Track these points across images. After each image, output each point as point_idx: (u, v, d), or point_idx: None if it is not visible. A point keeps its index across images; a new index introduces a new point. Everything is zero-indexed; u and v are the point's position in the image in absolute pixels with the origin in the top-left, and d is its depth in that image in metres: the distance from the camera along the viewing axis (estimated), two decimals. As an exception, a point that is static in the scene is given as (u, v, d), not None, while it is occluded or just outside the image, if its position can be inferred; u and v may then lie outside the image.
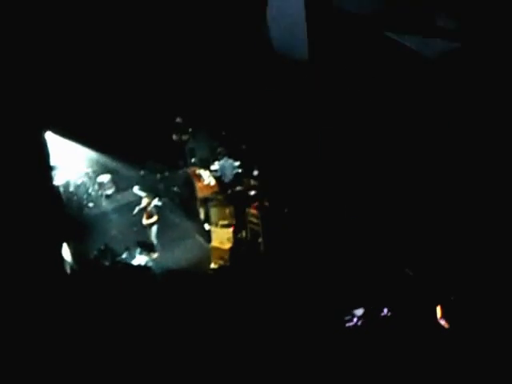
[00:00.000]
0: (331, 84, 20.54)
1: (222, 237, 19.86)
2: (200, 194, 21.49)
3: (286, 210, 20.04)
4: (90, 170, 22.38)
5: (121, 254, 19.43)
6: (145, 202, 20.33)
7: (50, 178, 19.69)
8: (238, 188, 21.47)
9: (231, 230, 20.02)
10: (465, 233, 16.82)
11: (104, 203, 22.09)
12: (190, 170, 22.56)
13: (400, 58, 18.36)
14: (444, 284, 16.48)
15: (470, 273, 16.25)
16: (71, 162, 21.94)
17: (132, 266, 19.29)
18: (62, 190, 21.33)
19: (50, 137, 20.25)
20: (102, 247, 19.46)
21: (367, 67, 19.29)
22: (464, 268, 16.42)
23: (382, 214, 18.48)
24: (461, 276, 16.37)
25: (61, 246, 18.77)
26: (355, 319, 16.63)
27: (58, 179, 21.29)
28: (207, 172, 22.06)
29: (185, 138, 23.50)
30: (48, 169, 19.53)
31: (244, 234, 20.24)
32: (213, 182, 21.69)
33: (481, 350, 14.73)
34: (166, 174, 22.71)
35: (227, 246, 19.67)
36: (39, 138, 18.85)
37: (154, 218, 20.25)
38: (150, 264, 19.43)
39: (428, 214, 17.57)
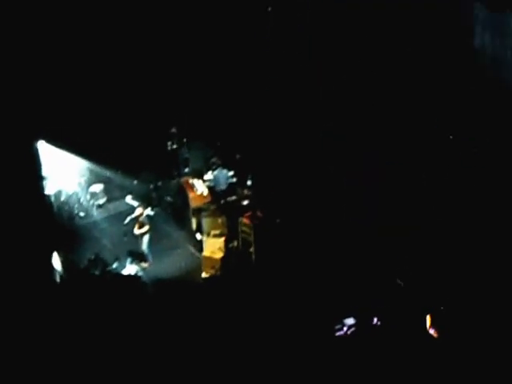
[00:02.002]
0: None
1: (213, 246, 19.78)
2: (193, 203, 21.42)
3: (278, 221, 19.96)
4: (82, 180, 22.29)
5: (111, 264, 19.33)
6: (137, 211, 20.23)
7: (42, 187, 19.59)
8: (231, 198, 21.41)
9: (223, 239, 19.93)
10: (454, 243, 16.78)
11: (95, 213, 22.00)
12: (183, 179, 22.49)
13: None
14: (433, 294, 16.37)
15: (459, 283, 16.16)
16: (63, 172, 21.83)
17: (122, 275, 19.19)
18: (53, 199, 21.22)
19: (42, 146, 20.14)
20: (93, 257, 19.36)
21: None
22: (453, 278, 16.33)
23: (374, 224, 18.41)
24: (450, 286, 16.27)
25: (51, 255, 18.68)
26: (345, 328, 16.54)
27: (50, 188, 21.17)
28: (200, 182, 21.99)
29: (179, 147, 23.45)
30: (40, 178, 19.46)
31: (236, 243, 20.14)
32: (206, 191, 21.62)
33: (470, 358, 14.63)
34: (159, 183, 22.65)
35: (219, 255, 19.57)
36: (31, 147, 18.79)
37: (146, 228, 20.14)
38: (141, 273, 19.33)
39: (418, 225, 17.52)
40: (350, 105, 20.40)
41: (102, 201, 22.35)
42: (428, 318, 15.86)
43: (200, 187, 21.72)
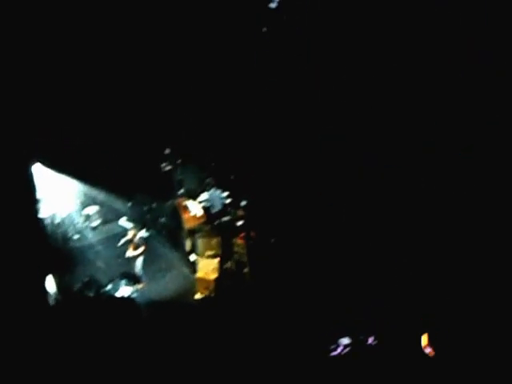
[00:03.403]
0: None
1: (207, 267, 19.76)
2: (187, 224, 21.41)
3: (272, 241, 19.95)
4: (76, 202, 22.29)
5: (105, 286, 19.31)
6: (131, 233, 20.25)
7: (36, 210, 19.59)
8: (225, 219, 21.40)
9: (217, 260, 19.91)
10: (449, 263, 16.73)
11: (90, 235, 22.00)
12: (178, 201, 22.49)
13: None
14: (429, 313, 16.33)
15: (456, 301, 16.12)
16: (57, 194, 21.84)
17: (116, 297, 19.15)
18: (47, 221, 21.23)
19: (36, 168, 20.17)
20: (87, 279, 19.39)
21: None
22: (449, 296, 16.29)
23: (369, 244, 18.40)
24: (446, 304, 16.23)
25: (45, 278, 18.64)
26: (340, 348, 16.48)
27: (44, 211, 21.17)
28: (195, 203, 21.99)
29: (173, 169, 23.47)
30: (34, 200, 19.46)
31: (230, 264, 20.12)
32: (200, 212, 21.61)
33: (466, 378, 14.57)
34: (154, 205, 22.65)
35: (213, 276, 19.55)
36: (26, 170, 18.83)
37: (140, 250, 20.14)
38: (135, 295, 19.30)
39: (412, 244, 17.50)
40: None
41: (96, 223, 22.39)
42: (424, 337, 15.84)
43: (194, 208, 21.73)
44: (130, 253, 20.11)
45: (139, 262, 20.10)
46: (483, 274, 16.03)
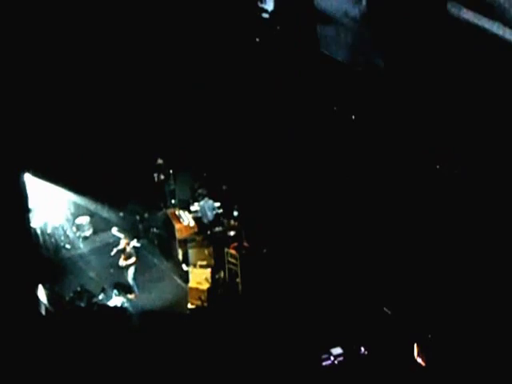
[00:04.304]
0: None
1: (200, 277, 19.74)
2: (179, 234, 21.39)
3: (264, 251, 19.99)
4: (68, 212, 22.27)
5: (97, 296, 19.28)
6: (123, 243, 20.22)
7: (28, 220, 19.57)
8: (218, 229, 21.42)
9: (209, 270, 19.91)
10: (440, 273, 16.80)
11: (81, 245, 21.93)
12: (170, 211, 22.48)
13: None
14: (420, 322, 16.38)
15: (447, 311, 16.18)
16: (49, 204, 21.83)
17: (108, 307, 19.12)
18: (39, 231, 21.22)
19: (28, 179, 20.16)
20: (78, 288, 19.35)
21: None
22: (440, 307, 16.35)
23: (360, 253, 18.46)
24: (437, 314, 16.29)
25: (37, 288, 18.62)
26: (332, 358, 16.51)
27: (36, 221, 21.15)
28: (187, 213, 22.00)
29: (165, 179, 23.49)
30: (26, 210, 19.45)
31: (222, 274, 20.13)
32: (192, 222, 21.61)
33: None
34: (146, 215, 22.64)
35: (205, 286, 19.53)
36: (18, 180, 18.81)
37: (132, 260, 20.10)
38: (127, 305, 19.28)
39: (405, 253, 17.57)
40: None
41: (88, 233, 22.31)
42: (415, 346, 15.89)
43: (186, 218, 21.73)
44: (122, 263, 20.06)
45: (131, 271, 20.04)
46: (473, 283, 16.12)
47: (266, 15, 22.87)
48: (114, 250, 20.26)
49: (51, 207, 21.92)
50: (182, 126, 22.96)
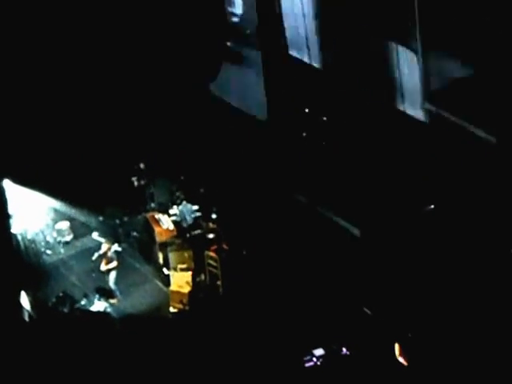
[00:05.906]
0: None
1: (181, 280, 19.82)
2: (159, 238, 21.41)
3: (244, 253, 20.16)
4: (47, 217, 22.22)
5: (79, 301, 19.33)
6: (104, 247, 20.26)
7: (8, 226, 19.58)
8: (197, 232, 21.51)
9: (190, 273, 20.02)
10: (421, 271, 17.00)
11: (62, 250, 21.82)
12: (149, 214, 22.50)
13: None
14: (401, 322, 16.61)
15: (427, 310, 16.42)
16: (29, 210, 21.76)
17: (90, 312, 19.19)
18: (19, 237, 21.13)
19: (7, 184, 20.15)
20: (61, 294, 19.35)
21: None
22: (421, 306, 16.58)
23: (341, 254, 18.62)
24: (418, 313, 16.52)
25: (19, 294, 18.63)
26: (315, 359, 16.69)
27: (16, 227, 21.09)
28: (166, 216, 22.04)
29: (144, 182, 23.49)
30: (5, 216, 19.45)
31: (203, 277, 20.26)
32: (172, 226, 21.67)
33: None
34: (125, 219, 22.64)
35: (186, 289, 19.61)
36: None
37: (114, 264, 20.13)
38: (109, 310, 19.34)
39: (384, 253, 17.77)
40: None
41: (68, 238, 22.18)
42: (397, 346, 16.11)
43: (166, 222, 21.77)
44: (103, 267, 20.09)
45: (113, 276, 20.07)
46: (453, 281, 16.36)
47: (235, 19, 23.08)
48: (95, 255, 20.26)
49: (31, 213, 21.81)
50: (159, 129, 23.09)
